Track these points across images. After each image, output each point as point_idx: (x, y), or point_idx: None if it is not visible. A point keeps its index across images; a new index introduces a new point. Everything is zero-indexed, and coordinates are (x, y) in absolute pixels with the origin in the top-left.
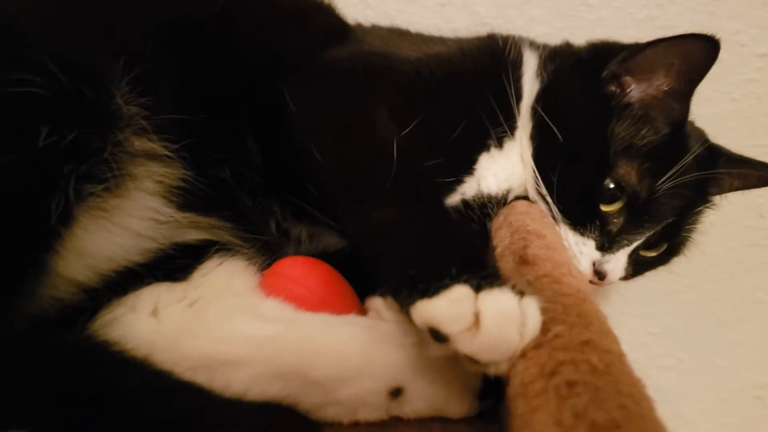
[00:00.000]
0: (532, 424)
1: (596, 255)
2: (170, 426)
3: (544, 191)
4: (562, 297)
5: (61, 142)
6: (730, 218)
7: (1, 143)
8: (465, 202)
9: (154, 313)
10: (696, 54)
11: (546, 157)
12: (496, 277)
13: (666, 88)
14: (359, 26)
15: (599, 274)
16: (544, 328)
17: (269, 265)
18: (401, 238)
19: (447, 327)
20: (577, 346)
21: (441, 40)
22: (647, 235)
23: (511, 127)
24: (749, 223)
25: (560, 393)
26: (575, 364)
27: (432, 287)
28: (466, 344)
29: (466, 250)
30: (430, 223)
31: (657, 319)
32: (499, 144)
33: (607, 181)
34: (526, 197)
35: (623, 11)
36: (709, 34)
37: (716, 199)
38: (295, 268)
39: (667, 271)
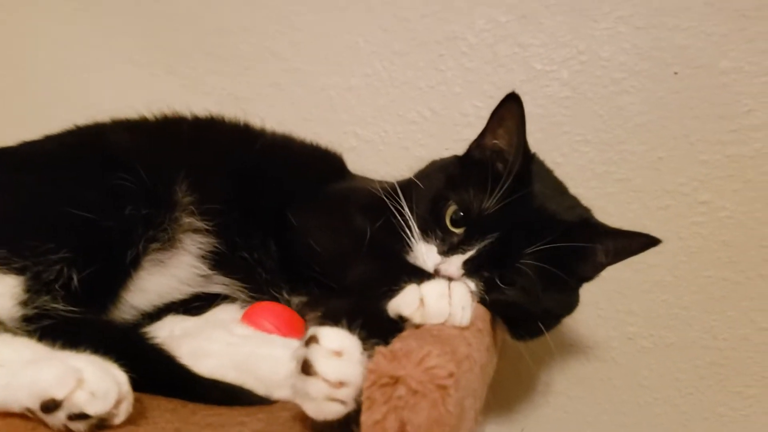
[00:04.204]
0: None
1: (437, 259)
2: (171, 379)
3: (411, 222)
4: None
5: (137, 215)
6: (690, 339)
7: (105, 213)
8: None
9: (171, 332)
10: (512, 108)
11: (414, 203)
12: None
13: (502, 137)
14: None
15: (437, 272)
16: None
17: None
18: (371, 278)
19: (405, 310)
20: None
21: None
22: (478, 246)
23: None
24: (707, 344)
25: None
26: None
27: (395, 292)
28: (417, 318)
29: (407, 269)
30: (386, 264)
31: (631, 429)
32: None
33: (450, 207)
34: None
35: (585, 168)
36: (514, 92)
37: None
38: (262, 307)
39: (638, 385)
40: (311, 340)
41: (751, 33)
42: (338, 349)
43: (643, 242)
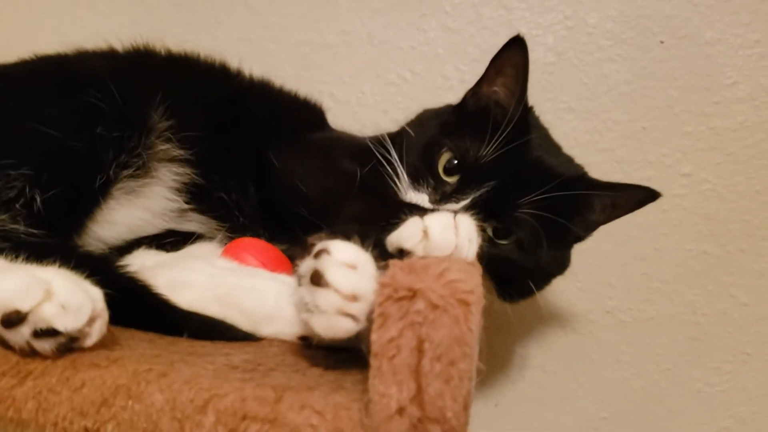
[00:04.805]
0: None
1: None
2: (145, 309)
3: (399, 170)
4: None
5: (108, 137)
6: (670, 314)
7: (71, 131)
8: None
9: (142, 264)
10: (514, 54)
11: (404, 151)
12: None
13: (502, 85)
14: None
15: None
16: None
17: None
18: (367, 213)
19: (407, 243)
20: None
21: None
22: (473, 194)
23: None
24: (686, 319)
25: None
26: None
27: (395, 225)
28: (419, 251)
29: (407, 205)
30: (382, 200)
31: (609, 405)
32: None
33: (444, 154)
34: None
35: (569, 136)
36: (519, 35)
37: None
38: (246, 242)
39: (616, 360)
40: (321, 252)
41: (736, 5)
42: (351, 262)
43: (641, 196)
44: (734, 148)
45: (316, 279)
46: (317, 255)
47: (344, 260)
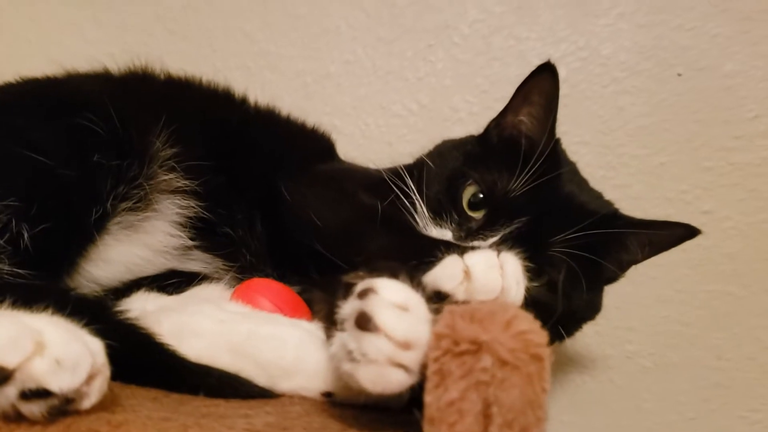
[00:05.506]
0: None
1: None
2: (150, 362)
3: (419, 204)
4: None
5: (105, 166)
6: (693, 359)
7: (64, 158)
8: None
9: (143, 308)
10: (543, 82)
11: (424, 184)
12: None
13: (528, 115)
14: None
15: None
16: None
17: None
18: (395, 249)
19: (446, 285)
20: None
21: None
22: (503, 231)
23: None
24: (710, 364)
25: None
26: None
27: (429, 265)
28: (460, 294)
29: (441, 241)
30: (411, 235)
31: None
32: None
33: (469, 187)
34: None
35: (583, 171)
36: (549, 62)
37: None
38: (259, 283)
39: (637, 408)
40: (367, 292)
41: (755, 36)
42: (403, 303)
43: (680, 233)
44: (757, 184)
45: (363, 322)
46: (362, 295)
47: (395, 301)
